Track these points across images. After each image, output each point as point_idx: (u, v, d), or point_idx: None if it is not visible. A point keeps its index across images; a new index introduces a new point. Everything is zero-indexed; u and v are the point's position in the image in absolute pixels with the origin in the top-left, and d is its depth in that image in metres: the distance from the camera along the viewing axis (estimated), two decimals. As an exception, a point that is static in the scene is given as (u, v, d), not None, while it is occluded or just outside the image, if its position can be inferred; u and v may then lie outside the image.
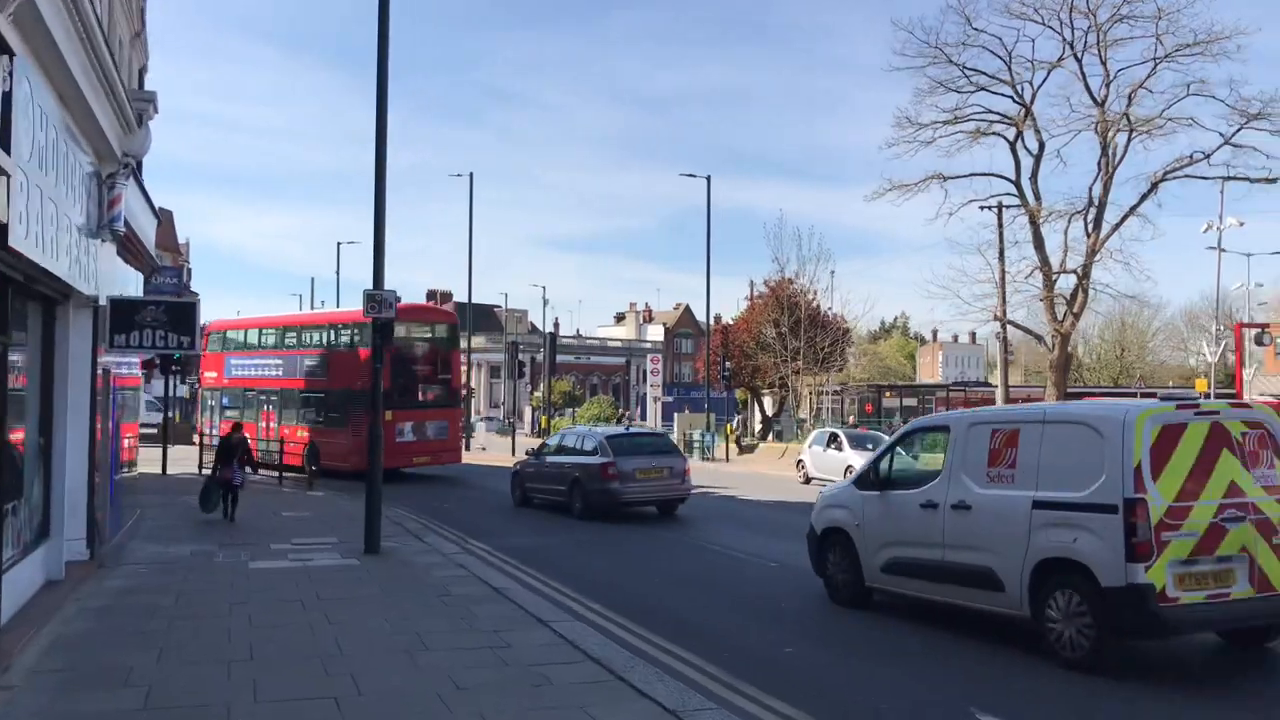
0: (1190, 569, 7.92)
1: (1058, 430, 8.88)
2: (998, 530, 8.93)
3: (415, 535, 16.01)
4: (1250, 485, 8.29)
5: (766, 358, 43.68)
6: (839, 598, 10.98)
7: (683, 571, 13.44)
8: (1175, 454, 8.12)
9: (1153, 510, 7.85)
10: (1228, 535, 8.04)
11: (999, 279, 28.13)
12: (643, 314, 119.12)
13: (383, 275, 14.17)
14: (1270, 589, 8.15)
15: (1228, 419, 8.46)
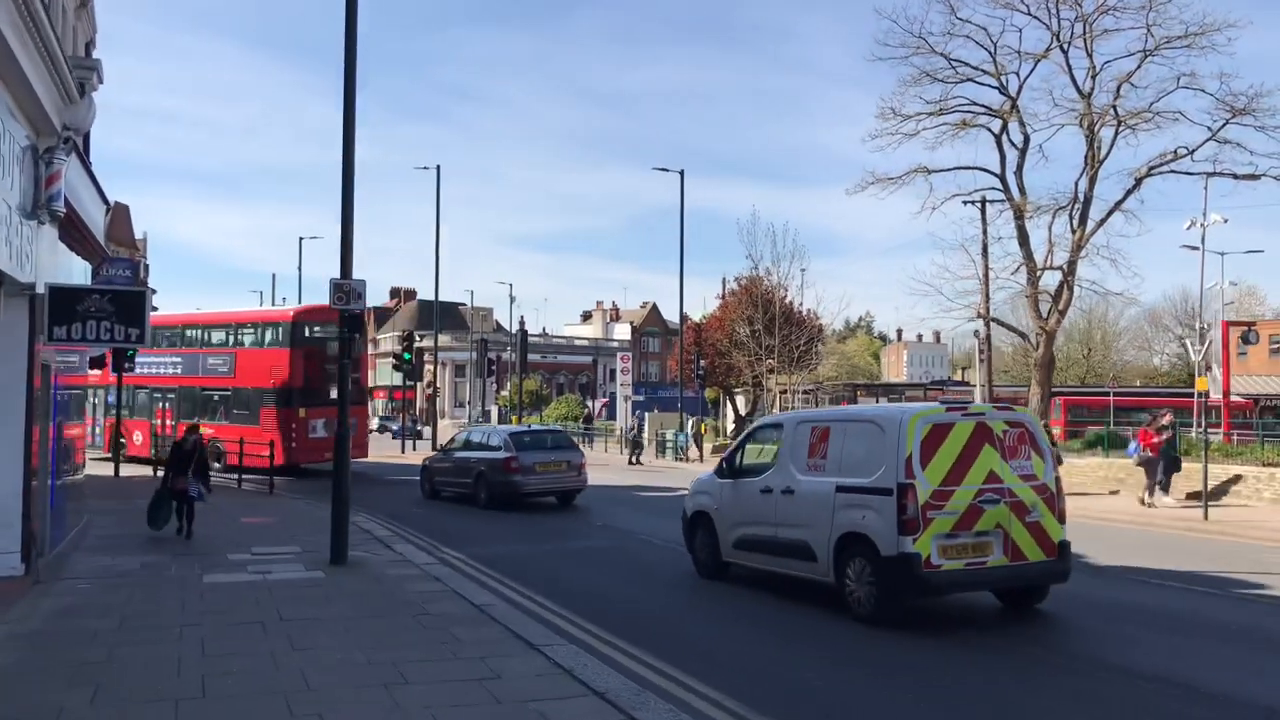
0: (952, 541, 9.61)
1: (855, 428, 10.70)
2: (812, 511, 10.63)
3: (384, 543, 14.99)
4: (1008, 473, 9.93)
5: (740, 356, 42.83)
6: (703, 572, 12.72)
7: (674, 580, 12.53)
8: (942, 448, 9.75)
9: (920, 493, 9.48)
10: (985, 514, 9.70)
11: (982, 276, 27.48)
12: (610, 313, 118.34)
13: (350, 264, 13.13)
14: (1023, 558, 9.88)
15: (991, 419, 10.22)
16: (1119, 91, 26.66)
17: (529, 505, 20.75)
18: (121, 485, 24.36)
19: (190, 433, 15.72)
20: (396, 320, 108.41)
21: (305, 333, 27.56)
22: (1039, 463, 10.23)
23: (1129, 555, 14.69)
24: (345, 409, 13.07)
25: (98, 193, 15.65)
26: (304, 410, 26.88)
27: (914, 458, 9.60)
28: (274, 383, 27.38)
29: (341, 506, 12.89)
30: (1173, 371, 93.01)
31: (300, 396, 26.90)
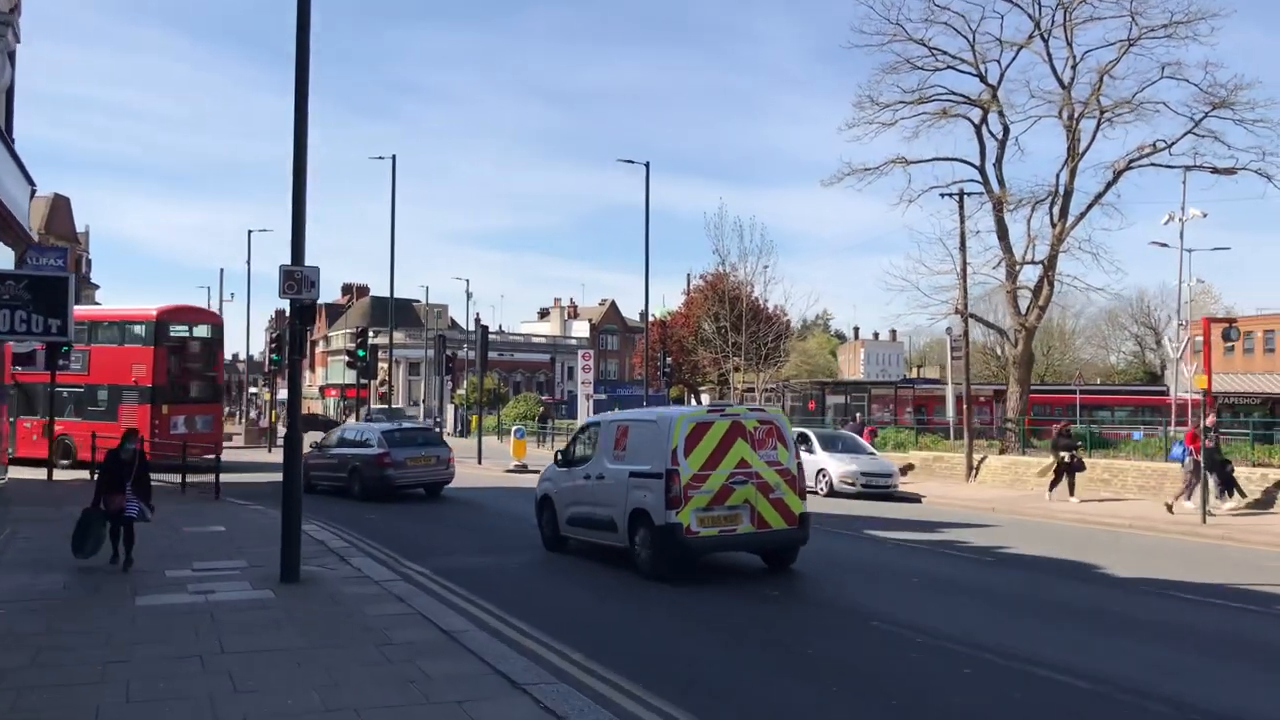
0: (708, 513, 12.23)
1: (642, 426, 13.32)
2: (615, 492, 13.20)
3: (340, 555, 13.73)
4: (756, 460, 12.53)
5: (706, 353, 41.90)
6: (547, 544, 15.05)
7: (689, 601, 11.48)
8: (702, 441, 12.33)
9: (682, 477, 12.08)
10: (735, 492, 12.31)
11: (960, 270, 26.67)
12: (568, 310, 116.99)
13: (303, 250, 11.87)
14: (767, 526, 12.49)
15: (745, 418, 12.89)
16: (1102, 81, 25.99)
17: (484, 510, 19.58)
18: (55, 491, 22.78)
19: (128, 440, 12.69)
20: (349, 317, 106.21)
21: (169, 332, 28.48)
22: (784, 452, 12.87)
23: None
24: (297, 409, 11.82)
25: (21, 173, 14.24)
26: (166, 408, 27.54)
27: (679, 450, 12.21)
28: (136, 380, 27.80)
29: (292, 517, 11.64)
30: (1129, 370, 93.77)
31: (162, 394, 27.55)
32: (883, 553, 15.49)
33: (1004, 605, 11.36)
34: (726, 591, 11.90)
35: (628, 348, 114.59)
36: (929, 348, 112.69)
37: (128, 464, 12.47)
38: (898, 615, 10.38)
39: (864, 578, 13.16)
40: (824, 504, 22.22)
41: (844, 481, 23.47)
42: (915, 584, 12.54)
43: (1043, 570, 13.77)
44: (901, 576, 13.10)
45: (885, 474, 23.90)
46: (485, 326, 33.75)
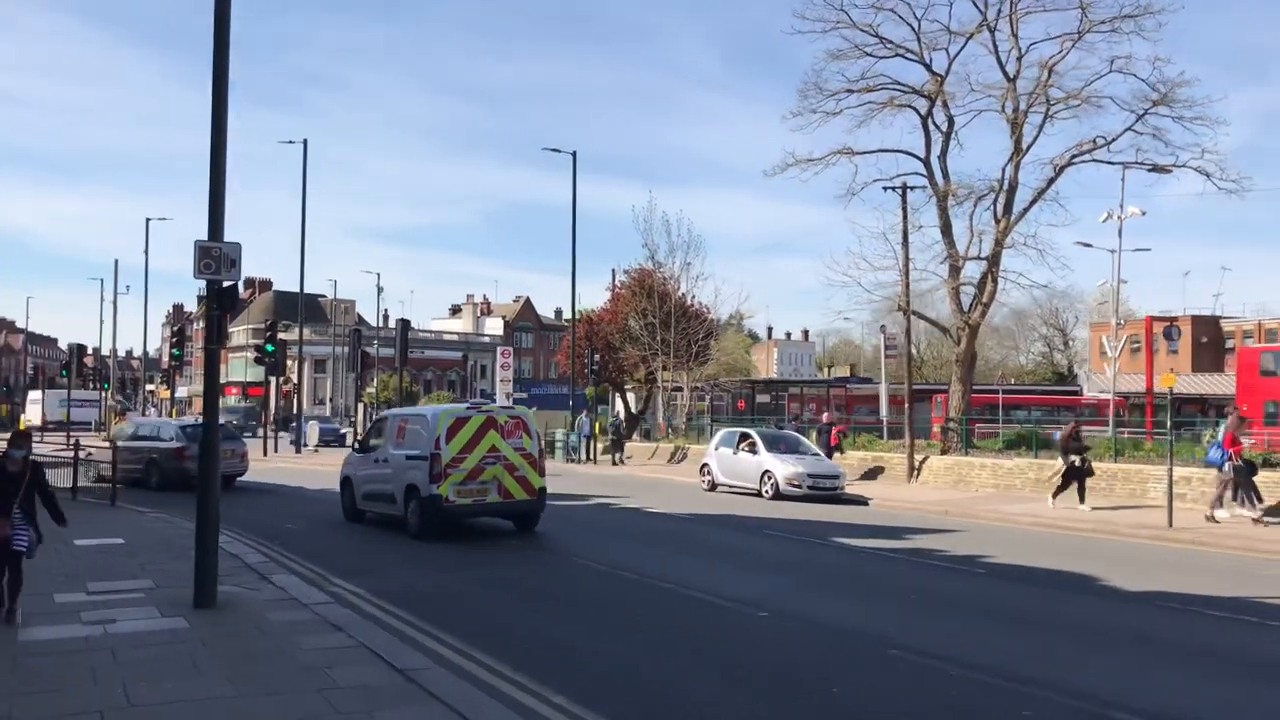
0: (464, 487, 15.40)
1: (417, 418, 16.73)
2: (396, 471, 16.31)
3: (259, 572, 12.09)
4: (505, 446, 15.76)
5: (634, 350, 40.64)
6: (347, 516, 18.12)
7: (667, 624, 10.17)
8: (460, 432, 15.48)
9: (443, 458, 15.23)
10: (485, 471, 15.54)
11: (903, 266, 25.94)
12: (480, 307, 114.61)
13: (221, 223, 10.25)
14: (511, 497, 15.80)
15: (497, 414, 16.30)
16: (1050, 73, 25.46)
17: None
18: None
19: (16, 444, 9.60)
20: (251, 312, 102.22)
21: None
22: (528, 440, 16.18)
23: None
24: (215, 405, 10.20)
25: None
26: None
27: (441, 438, 15.37)
28: None
29: (208, 529, 10.00)
30: (1037, 370, 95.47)
31: None
32: (862, 563, 14.40)
33: (1024, 625, 10.34)
34: (478, 545, 15.38)
35: (543, 346, 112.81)
36: (836, 349, 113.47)
37: (16, 477, 9.27)
38: (922, 644, 9.09)
39: (861, 593, 12.07)
40: (773, 507, 21.22)
41: (790, 484, 22.49)
42: (915, 600, 11.43)
43: (1042, 583, 12.67)
44: (899, 592, 11.96)
45: (832, 475, 22.99)
46: (406, 321, 31.94)
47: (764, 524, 18.34)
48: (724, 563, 14.01)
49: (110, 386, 58.47)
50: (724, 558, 14.55)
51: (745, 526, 18.20)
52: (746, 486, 23.77)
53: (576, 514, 19.51)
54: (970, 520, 19.54)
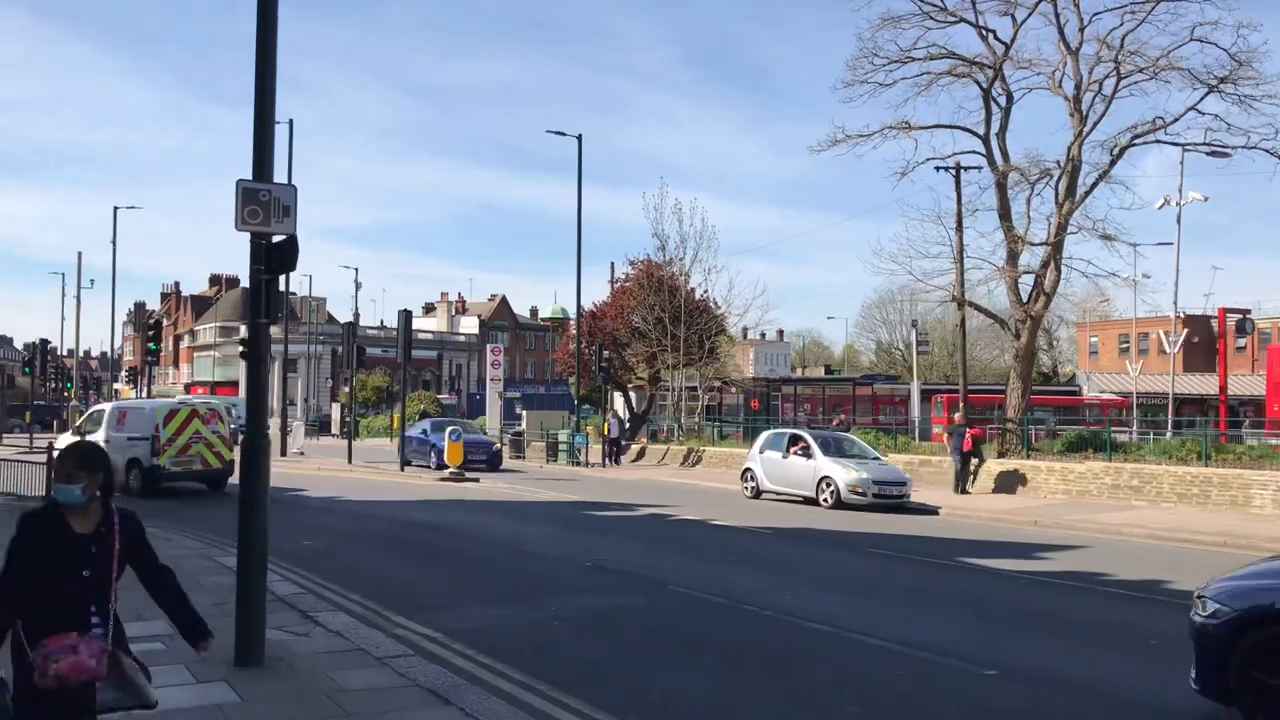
0: (177, 459, 20.60)
1: (138, 411, 22.28)
2: (116, 449, 19.37)
3: (297, 609, 9.68)
4: (205, 430, 21.00)
5: (641, 347, 38.27)
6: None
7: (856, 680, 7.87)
8: (173, 419, 20.74)
9: (161, 439, 20.43)
10: (192, 448, 20.80)
11: (956, 253, 23.86)
12: (455, 305, 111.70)
13: (270, 157, 7.86)
14: (210, 466, 21.08)
15: (199, 408, 22.02)
16: (1123, 43, 23.40)
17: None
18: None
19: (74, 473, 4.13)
20: (218, 309, 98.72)
21: None
22: (221, 425, 21.38)
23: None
24: (263, 403, 7.77)
25: None
26: None
27: (160, 424, 20.44)
28: None
29: (254, 569, 7.58)
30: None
31: None
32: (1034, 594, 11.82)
33: None
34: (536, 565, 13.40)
35: (518, 345, 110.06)
36: (808, 349, 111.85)
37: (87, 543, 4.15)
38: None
39: (1093, 640, 9.37)
40: (841, 518, 18.96)
41: (853, 491, 20.25)
42: (1156, 647, 9.03)
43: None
44: (1137, 638, 9.48)
45: (898, 482, 20.79)
46: (408, 311, 29.30)
47: (855, 540, 16.05)
48: (864, 595, 11.57)
49: (73, 385, 55.15)
50: (856, 588, 12.10)
51: (839, 543, 15.88)
52: (798, 494, 21.54)
53: (634, 527, 17.12)
54: (1074, 533, 17.38)
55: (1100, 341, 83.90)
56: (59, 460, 4.24)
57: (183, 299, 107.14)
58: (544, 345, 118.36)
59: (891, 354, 79.36)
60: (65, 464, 4.14)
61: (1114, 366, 75.51)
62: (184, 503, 20.32)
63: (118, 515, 4.24)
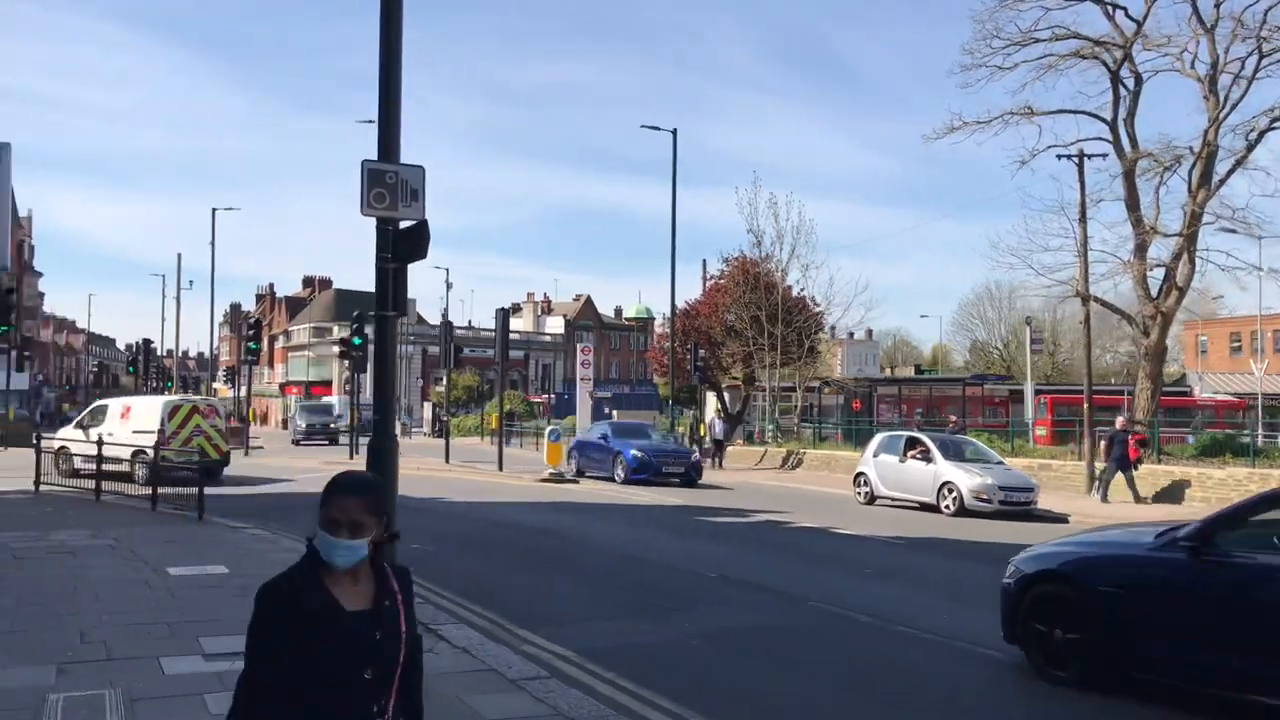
0: (180, 449, 21.13)
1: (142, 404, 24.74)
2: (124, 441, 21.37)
3: (422, 623, 8.98)
4: (205, 424, 23.25)
5: (736, 346, 37.36)
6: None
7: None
8: (177, 414, 22.96)
9: (167, 431, 21.99)
10: (193, 440, 22.38)
11: (1080, 246, 22.52)
12: (541, 305, 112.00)
13: (397, 138, 7.28)
14: (209, 456, 21.72)
15: (199, 404, 25.01)
16: (1265, 19, 21.81)
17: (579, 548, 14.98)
18: None
19: (361, 521, 2.76)
20: (312, 310, 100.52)
21: None
22: (219, 420, 24.35)
23: None
24: (391, 393, 7.20)
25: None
26: None
27: (165, 419, 22.43)
28: None
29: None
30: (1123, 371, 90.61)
31: None
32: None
33: None
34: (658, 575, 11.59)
35: (603, 345, 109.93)
36: (894, 349, 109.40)
37: (367, 627, 2.76)
38: None
39: None
40: (970, 527, 17.86)
41: (978, 498, 19.16)
42: None
43: None
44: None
45: (1026, 488, 19.63)
46: (506, 309, 28.96)
47: (992, 550, 14.71)
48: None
49: (173, 385, 56.34)
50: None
51: (974, 554, 14.70)
52: (915, 500, 20.50)
53: (751, 534, 16.29)
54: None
55: (1210, 340, 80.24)
56: (330, 498, 2.76)
57: (277, 300, 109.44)
58: (629, 345, 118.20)
59: (988, 353, 76.90)
60: (344, 505, 2.71)
61: (1225, 366, 72.20)
62: (259, 499, 20.15)
63: (394, 576, 2.84)
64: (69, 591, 10.03)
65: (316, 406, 59.24)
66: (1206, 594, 6.62)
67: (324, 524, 2.70)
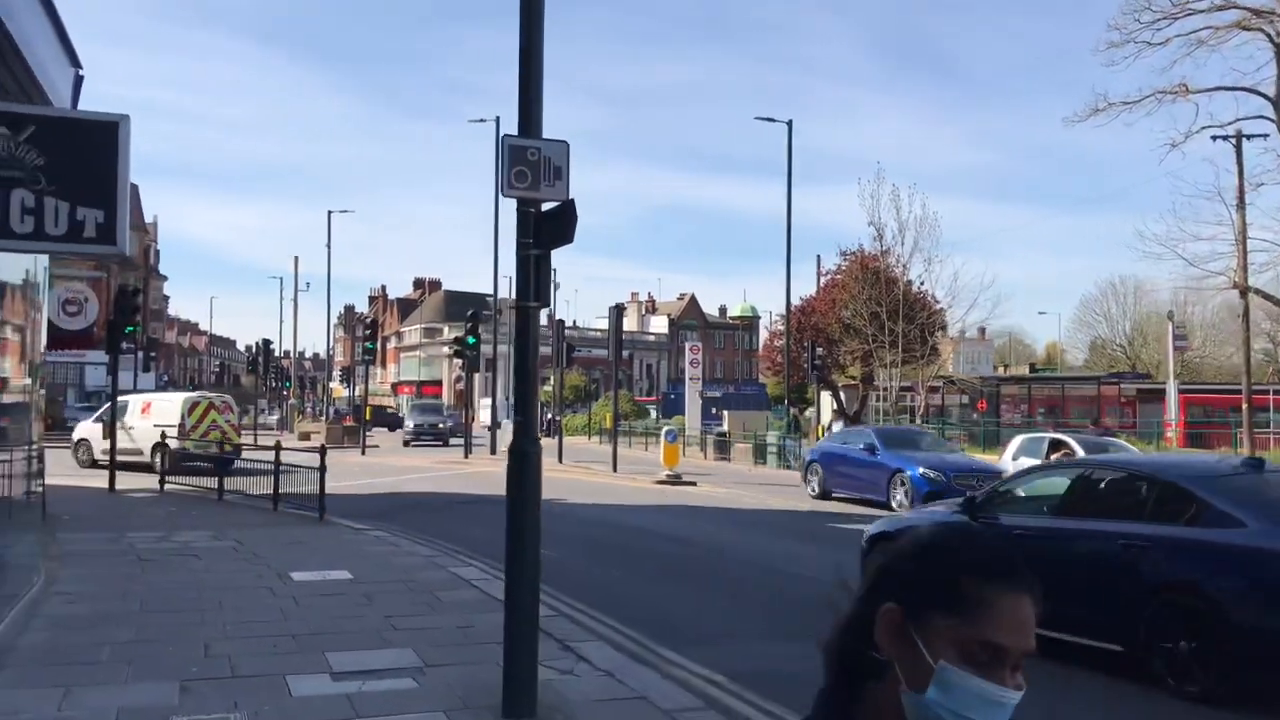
0: (199, 441, 23.71)
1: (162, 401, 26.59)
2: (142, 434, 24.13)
3: (555, 637, 8.40)
4: (220, 419, 25.65)
5: (855, 344, 36.12)
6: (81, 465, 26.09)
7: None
8: (195, 410, 25.24)
9: (187, 426, 24.23)
10: (211, 433, 24.63)
11: (1238, 234, 20.81)
12: (645, 304, 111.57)
13: (539, 112, 6.61)
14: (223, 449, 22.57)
15: (215, 400, 26.73)
16: None
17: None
18: (119, 507, 17.95)
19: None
20: (422, 311, 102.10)
21: None
22: (232, 415, 26.90)
23: None
24: (534, 391, 6.53)
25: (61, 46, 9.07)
26: None
27: (185, 414, 24.50)
28: None
29: (525, 601, 6.32)
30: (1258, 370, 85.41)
31: None
32: None
33: None
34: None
35: (708, 344, 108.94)
36: (1005, 348, 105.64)
37: None
38: None
39: None
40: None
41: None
42: None
43: None
44: None
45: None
46: (620, 306, 28.51)
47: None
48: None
49: (291, 385, 57.51)
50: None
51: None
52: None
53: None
54: None
55: None
56: (985, 594, 1.39)
57: (389, 302, 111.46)
58: (733, 344, 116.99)
59: (1108, 350, 73.39)
60: (1023, 615, 1.40)
61: None
62: (376, 499, 19.92)
63: None
64: (193, 597, 9.69)
65: (428, 406, 57.32)
66: None
67: (970, 651, 1.38)
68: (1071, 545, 8.06)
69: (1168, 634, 7.19)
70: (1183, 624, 7.14)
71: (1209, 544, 7.27)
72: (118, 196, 5.04)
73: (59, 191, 4.95)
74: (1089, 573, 7.84)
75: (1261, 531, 7.06)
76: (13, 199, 4.86)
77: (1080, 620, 7.66)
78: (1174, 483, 7.87)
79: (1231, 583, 7.04)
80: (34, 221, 4.90)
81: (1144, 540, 7.56)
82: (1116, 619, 7.58)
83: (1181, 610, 7.21)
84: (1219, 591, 7.02)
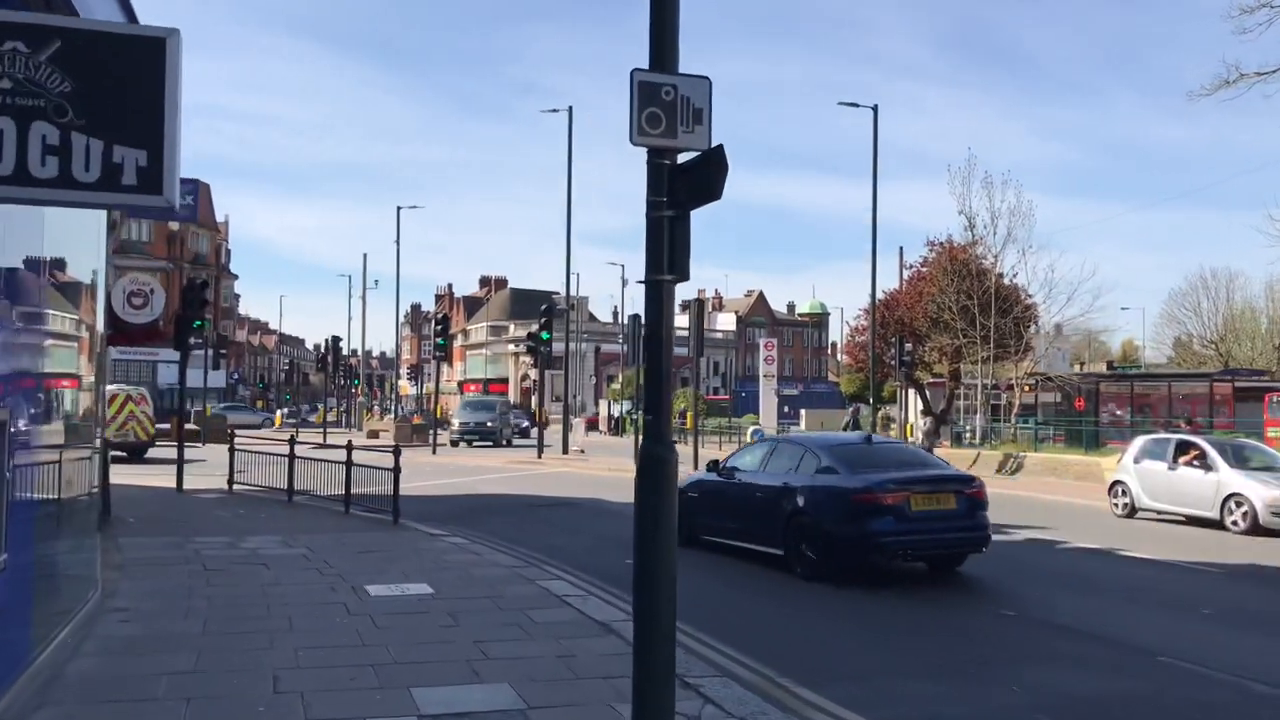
0: (117, 432, 25.81)
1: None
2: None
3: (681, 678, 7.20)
4: (138, 411, 27.20)
5: (947, 339, 34.42)
6: None
7: None
8: (113, 402, 25.32)
9: (105, 416, 19.35)
10: (128, 424, 26.58)
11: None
12: (712, 301, 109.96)
13: (674, 43, 5.42)
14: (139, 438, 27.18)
15: (131, 393, 27.73)
16: None
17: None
18: (188, 506, 17.20)
19: None
20: (488, 309, 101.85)
21: None
22: (148, 407, 27.34)
23: None
24: (667, 388, 5.35)
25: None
26: None
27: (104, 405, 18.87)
28: None
29: (658, 646, 5.16)
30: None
31: None
32: None
33: None
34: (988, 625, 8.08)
35: (777, 342, 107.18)
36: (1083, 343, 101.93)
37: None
38: None
39: None
40: (1272, 549, 14.84)
41: (1277, 514, 16.07)
42: None
43: None
44: None
45: (1336, 503, 16.36)
46: (701, 301, 27.35)
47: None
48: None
49: (359, 383, 57.25)
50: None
51: None
52: (1188, 514, 17.49)
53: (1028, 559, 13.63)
54: None
55: None
56: None
57: (455, 300, 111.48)
58: (801, 342, 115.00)
59: (1192, 347, 70.04)
60: None
61: None
62: (448, 500, 18.95)
63: None
64: (261, 615, 8.71)
65: (478, 403, 50.46)
66: (727, 493, 12.97)
67: None
68: (757, 488, 12.40)
69: (799, 541, 11.42)
70: (805, 534, 11.36)
71: (820, 486, 11.46)
72: (165, 133, 3.94)
73: (90, 126, 3.87)
74: (763, 505, 12.14)
75: (846, 477, 11.28)
76: (31, 135, 3.77)
77: (759, 534, 12.19)
78: (810, 449, 12.20)
79: (828, 507, 11.20)
80: (58, 164, 3.83)
81: (791, 484, 11.78)
82: (777, 534, 11.73)
83: (804, 525, 11.40)
84: (820, 513, 11.27)
